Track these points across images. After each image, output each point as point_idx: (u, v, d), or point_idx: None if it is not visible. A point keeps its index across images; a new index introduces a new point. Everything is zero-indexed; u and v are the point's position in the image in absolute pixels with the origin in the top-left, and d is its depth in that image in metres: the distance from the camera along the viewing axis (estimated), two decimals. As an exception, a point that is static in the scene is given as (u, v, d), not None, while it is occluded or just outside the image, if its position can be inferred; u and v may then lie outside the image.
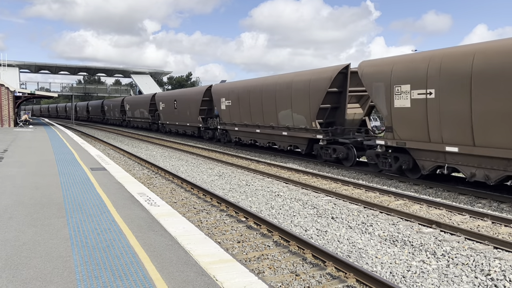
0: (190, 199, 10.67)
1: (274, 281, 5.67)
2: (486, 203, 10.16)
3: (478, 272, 6.03)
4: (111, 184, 9.23)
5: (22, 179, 9.65)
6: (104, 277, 4.18)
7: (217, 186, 12.64)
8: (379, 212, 9.37)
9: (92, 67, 71.15)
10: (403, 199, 10.47)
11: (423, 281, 5.71)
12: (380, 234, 7.80)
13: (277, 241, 7.26)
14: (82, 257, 4.72)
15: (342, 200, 10.56)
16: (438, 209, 9.52)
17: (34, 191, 8.32)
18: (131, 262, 4.59)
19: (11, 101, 34.31)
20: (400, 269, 6.15)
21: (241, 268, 4.55)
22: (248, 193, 11.50)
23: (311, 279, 5.76)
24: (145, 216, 6.56)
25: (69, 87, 68.27)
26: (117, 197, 7.95)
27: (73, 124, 57.12)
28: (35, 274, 4.26)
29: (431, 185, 12.07)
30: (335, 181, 13.02)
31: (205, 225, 8.37)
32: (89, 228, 5.85)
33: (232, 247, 7.03)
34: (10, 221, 6.20)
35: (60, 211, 6.76)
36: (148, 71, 71.31)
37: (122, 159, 19.34)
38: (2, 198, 7.73)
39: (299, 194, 11.31)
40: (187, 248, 5.09)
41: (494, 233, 7.83)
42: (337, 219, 8.84)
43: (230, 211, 9.23)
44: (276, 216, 9.14)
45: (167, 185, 12.70)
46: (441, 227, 8.03)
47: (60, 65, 65.44)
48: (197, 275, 4.28)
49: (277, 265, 6.25)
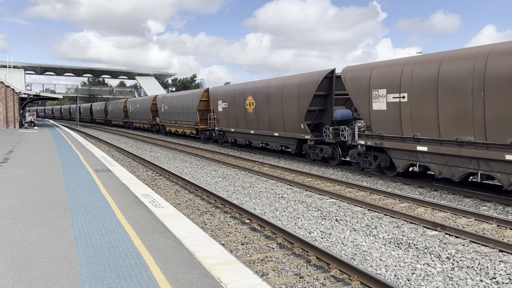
0: (194, 201, 10.68)
1: (278, 283, 5.66)
2: (491, 206, 10.11)
3: (483, 275, 6.00)
4: (115, 186, 9.26)
5: (27, 180, 9.70)
6: (108, 278, 4.19)
7: (221, 187, 12.65)
8: (383, 214, 9.34)
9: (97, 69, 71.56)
10: (407, 202, 10.44)
11: (428, 284, 5.68)
12: (384, 236, 7.78)
13: (281, 243, 7.26)
14: (87, 258, 4.74)
15: (346, 202, 10.54)
16: (443, 212, 9.48)
17: (39, 192, 8.36)
18: (136, 263, 4.60)
19: (17, 102, 34.52)
20: (404, 272, 6.12)
21: (245, 270, 4.55)
22: (252, 195, 11.50)
23: (315, 281, 5.75)
24: (150, 218, 6.58)
25: (74, 89, 68.59)
26: (121, 198, 7.97)
27: (78, 126, 57.35)
28: (40, 274, 4.28)
29: (436, 188, 12.02)
30: (339, 183, 13.00)
31: (209, 227, 8.38)
32: (94, 229, 5.87)
33: (236, 249, 7.03)
34: (16, 221, 6.24)
35: (65, 212, 6.79)
36: (153, 73, 71.59)
37: (127, 160, 19.40)
38: (8, 199, 7.77)
39: (303, 196, 11.29)
40: (191, 249, 5.10)
41: (499, 236, 7.79)
42: (341, 221, 8.83)
43: (234, 213, 9.23)
44: (280, 218, 9.13)
45: (171, 186, 12.72)
46: (446, 230, 7.99)
47: (65, 67, 65.87)
48: (201, 276, 4.29)
49: (281, 267, 6.25)
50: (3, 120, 34.01)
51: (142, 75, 69.98)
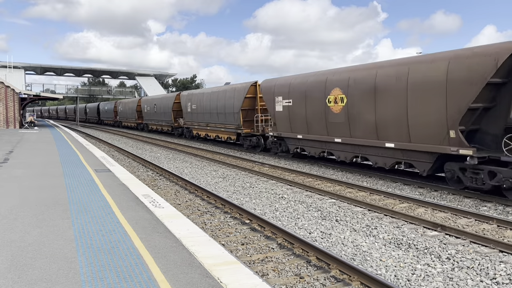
0: (194, 201, 10.68)
1: (278, 284, 5.66)
2: (491, 206, 10.11)
3: (483, 275, 6.00)
4: (115, 186, 9.26)
5: (28, 180, 9.70)
6: (109, 279, 4.19)
7: (221, 188, 12.65)
8: (383, 215, 9.34)
9: (97, 69, 71.52)
10: (407, 202, 10.44)
11: (428, 285, 5.68)
12: (384, 237, 7.78)
13: (281, 244, 7.26)
14: (87, 258, 4.74)
15: (346, 202, 10.54)
16: (443, 212, 9.48)
17: (39, 192, 8.36)
18: (136, 264, 4.60)
19: (17, 102, 34.53)
20: (404, 272, 6.12)
21: (245, 270, 4.55)
22: (252, 195, 11.50)
23: (315, 282, 5.75)
24: (150, 218, 6.58)
25: (74, 89, 68.61)
26: (121, 198, 7.97)
27: (78, 126, 57.36)
28: (40, 275, 4.28)
29: (436, 188, 12.03)
30: (339, 183, 13.00)
31: (209, 227, 8.37)
32: (94, 230, 5.87)
33: (236, 249, 7.03)
34: (16, 222, 6.24)
35: (65, 212, 6.79)
36: (153, 73, 71.57)
37: (127, 160, 19.40)
38: (8, 199, 7.77)
39: (303, 197, 11.29)
40: (191, 249, 5.10)
41: (499, 237, 7.79)
42: (341, 221, 8.83)
43: (234, 213, 9.23)
44: (280, 218, 9.13)
45: (171, 187, 12.72)
46: (446, 230, 7.99)
47: (65, 67, 65.85)
48: (201, 277, 4.29)
49: (281, 267, 6.25)
50: (3, 120, 34.01)
51: (142, 75, 69.96)
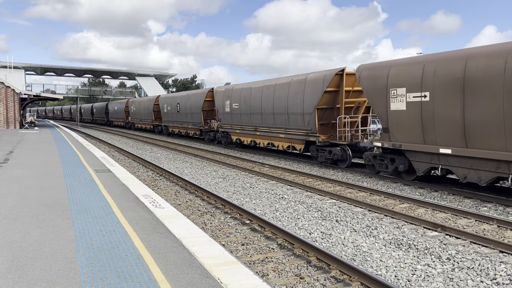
0: (194, 201, 10.68)
1: (278, 284, 5.66)
2: (491, 206, 10.10)
3: (483, 276, 6.00)
4: (116, 186, 9.26)
5: (28, 181, 9.70)
6: (109, 279, 4.19)
7: (221, 188, 12.65)
8: (383, 215, 9.33)
9: (97, 69, 71.52)
10: (408, 203, 10.44)
11: (428, 285, 5.68)
12: (384, 237, 7.77)
13: (282, 244, 7.25)
14: (87, 259, 4.74)
15: (347, 203, 10.53)
16: (443, 213, 9.48)
17: (40, 193, 8.36)
18: (136, 264, 4.60)
19: (17, 103, 34.54)
20: (405, 272, 6.12)
21: (245, 271, 4.55)
22: (252, 196, 11.50)
23: (316, 282, 5.74)
24: (150, 218, 6.58)
25: (74, 89, 68.63)
26: (121, 199, 7.97)
27: (78, 126, 57.37)
28: (40, 275, 4.28)
29: (436, 189, 12.02)
30: (340, 184, 13.00)
31: (209, 227, 8.37)
32: (94, 230, 5.87)
33: (237, 249, 7.03)
34: (16, 222, 6.24)
35: (65, 213, 6.79)
36: (153, 73, 71.56)
37: (127, 161, 19.40)
38: (8, 199, 7.77)
39: (304, 197, 11.29)
40: (191, 250, 5.10)
41: (499, 237, 7.78)
42: (341, 222, 8.82)
43: (235, 214, 9.23)
44: (280, 218, 9.13)
45: (171, 187, 12.72)
46: (446, 231, 7.99)
47: (65, 67, 65.85)
48: (202, 277, 4.28)
49: (282, 268, 6.24)
50: (3, 121, 34.02)
51: (143, 75, 69.96)
